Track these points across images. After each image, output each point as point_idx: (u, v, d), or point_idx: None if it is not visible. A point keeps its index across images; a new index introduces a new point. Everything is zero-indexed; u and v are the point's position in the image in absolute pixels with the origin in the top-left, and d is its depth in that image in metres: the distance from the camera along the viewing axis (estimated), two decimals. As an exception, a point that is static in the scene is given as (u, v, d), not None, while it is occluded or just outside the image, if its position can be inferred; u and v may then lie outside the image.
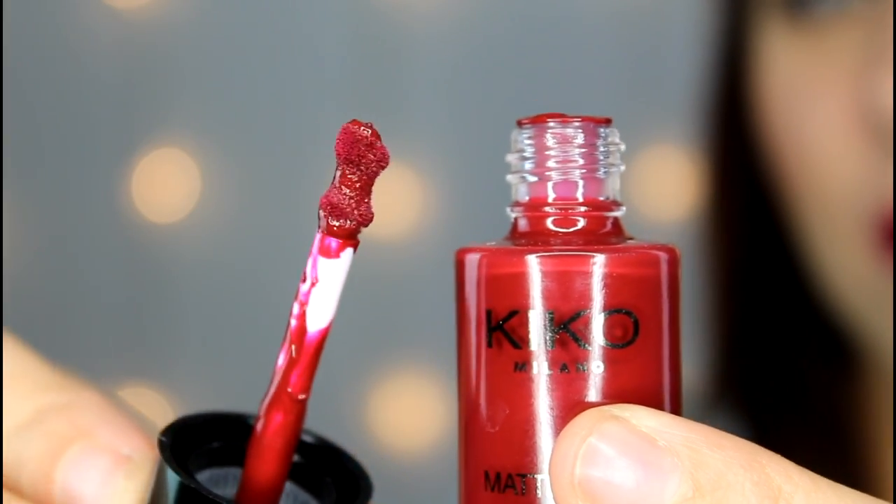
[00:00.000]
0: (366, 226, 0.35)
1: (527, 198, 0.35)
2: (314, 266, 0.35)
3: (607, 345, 0.33)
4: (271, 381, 0.36)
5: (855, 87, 0.66)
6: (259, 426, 0.36)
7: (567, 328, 0.33)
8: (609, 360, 0.33)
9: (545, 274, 0.33)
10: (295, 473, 0.38)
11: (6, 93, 1.21)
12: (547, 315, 0.33)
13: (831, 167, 0.67)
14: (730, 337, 0.78)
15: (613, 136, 0.34)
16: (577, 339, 0.33)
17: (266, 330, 1.23)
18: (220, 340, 1.24)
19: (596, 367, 0.33)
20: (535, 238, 0.34)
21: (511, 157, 0.35)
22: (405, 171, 1.21)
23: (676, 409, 0.34)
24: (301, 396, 0.36)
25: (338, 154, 0.34)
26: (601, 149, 0.34)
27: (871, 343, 0.70)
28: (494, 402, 0.33)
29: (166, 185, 1.23)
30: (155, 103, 1.23)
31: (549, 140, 0.34)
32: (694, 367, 0.78)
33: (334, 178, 0.35)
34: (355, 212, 0.35)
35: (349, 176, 0.34)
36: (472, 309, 0.34)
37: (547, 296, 0.33)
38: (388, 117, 1.21)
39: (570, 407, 0.33)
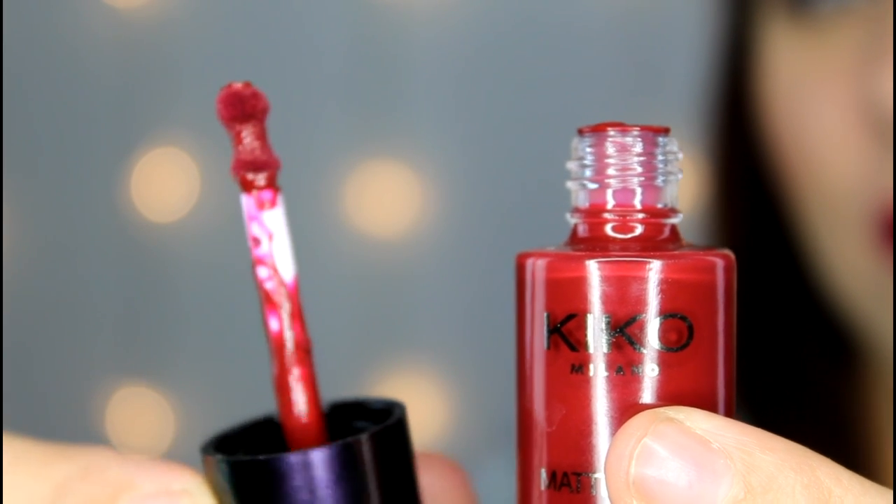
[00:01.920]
0: (279, 169, 0.37)
1: (586, 204, 0.36)
2: (261, 224, 0.37)
3: (662, 348, 0.34)
4: (276, 347, 0.37)
5: (856, 85, 0.67)
6: (287, 388, 0.38)
7: (623, 332, 0.34)
8: (663, 363, 0.34)
9: (602, 279, 0.34)
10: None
11: (6, 92, 1.21)
12: (604, 319, 0.34)
13: (833, 164, 0.68)
14: None
15: (671, 144, 0.35)
16: (632, 343, 0.34)
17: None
18: (219, 340, 1.24)
19: (651, 370, 0.34)
20: (594, 244, 0.35)
21: (571, 165, 0.36)
22: (405, 170, 1.22)
23: (730, 413, 0.35)
24: (310, 345, 0.38)
25: (231, 116, 0.36)
26: (659, 157, 0.35)
27: (873, 339, 0.71)
28: (551, 403, 0.34)
29: (165, 184, 1.23)
30: (154, 103, 1.23)
31: (609, 148, 0.35)
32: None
33: (236, 142, 0.37)
34: (270, 159, 0.37)
35: (250, 130, 0.36)
36: (530, 312, 0.35)
37: (604, 300, 0.34)
38: (387, 117, 1.22)
39: (625, 408, 0.34)
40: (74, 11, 1.23)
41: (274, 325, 0.37)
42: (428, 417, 1.22)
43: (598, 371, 0.34)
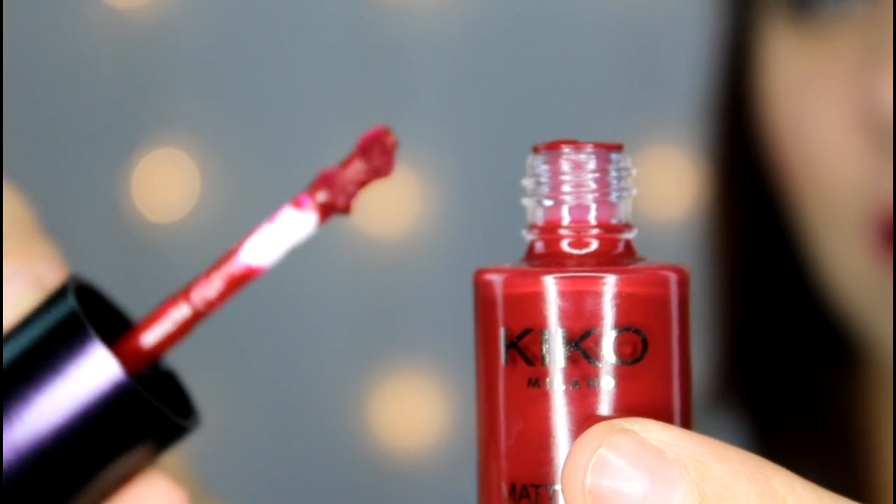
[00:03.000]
0: (340, 211, 0.37)
1: (542, 221, 0.36)
2: (279, 213, 0.38)
3: (617, 362, 0.34)
4: (191, 283, 0.39)
5: (856, 90, 0.67)
6: (161, 312, 0.39)
7: (578, 346, 0.34)
8: (619, 376, 0.34)
9: (557, 294, 0.34)
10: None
11: (6, 92, 1.21)
12: (559, 333, 0.34)
13: (833, 167, 0.68)
14: (732, 335, 0.78)
15: (625, 161, 0.36)
16: (587, 356, 0.34)
17: (265, 329, 1.24)
18: (219, 340, 1.25)
19: (606, 383, 0.34)
20: (550, 259, 0.36)
21: (527, 182, 0.36)
22: (405, 171, 1.22)
23: (686, 424, 0.36)
24: (198, 305, 0.38)
25: (358, 144, 0.37)
26: (613, 174, 0.35)
27: (873, 341, 0.71)
28: (510, 417, 0.35)
29: (166, 185, 1.24)
30: (155, 103, 1.23)
31: (564, 166, 0.35)
32: (697, 365, 0.78)
33: (343, 162, 0.37)
34: (340, 194, 0.37)
35: (355, 165, 0.37)
36: (488, 327, 0.35)
37: (559, 315, 0.34)
38: (388, 117, 1.22)
39: (581, 421, 0.34)
40: (75, 11, 1.24)
41: (204, 271, 0.38)
42: (427, 417, 1.22)
43: (555, 385, 0.34)
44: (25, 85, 1.23)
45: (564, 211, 0.36)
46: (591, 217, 0.35)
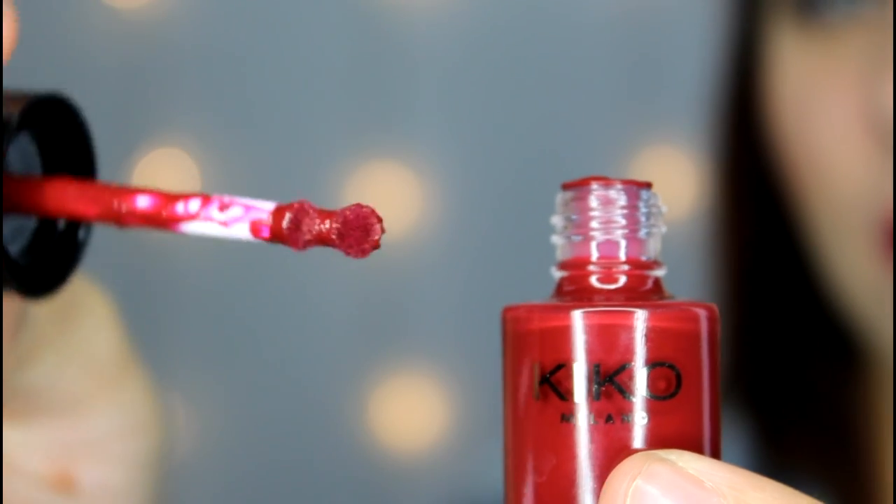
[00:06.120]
0: (293, 247, 0.36)
1: (571, 257, 0.36)
2: (238, 219, 0.36)
3: (651, 396, 0.34)
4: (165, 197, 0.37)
5: (863, 90, 0.67)
6: (87, 190, 0.38)
7: (612, 380, 0.34)
8: (652, 411, 0.34)
9: (591, 328, 0.34)
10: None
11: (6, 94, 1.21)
12: (592, 368, 0.34)
13: (839, 170, 0.69)
14: (736, 336, 0.79)
15: (655, 198, 0.36)
16: (621, 391, 0.34)
17: (266, 328, 1.24)
18: (220, 340, 1.25)
19: (640, 418, 0.34)
20: (579, 295, 0.36)
21: (556, 219, 0.36)
22: (405, 171, 1.22)
23: (717, 456, 0.35)
24: (125, 206, 0.37)
25: (346, 212, 0.35)
26: (643, 210, 0.35)
27: (877, 343, 0.71)
28: (541, 453, 0.35)
29: (166, 185, 1.23)
30: (155, 103, 1.23)
31: (593, 202, 0.35)
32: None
33: (327, 210, 0.35)
34: (300, 239, 0.36)
35: (330, 227, 0.35)
36: (519, 363, 0.35)
37: (593, 349, 0.34)
38: (388, 118, 1.22)
39: (615, 456, 0.34)
40: (74, 12, 1.23)
41: (152, 197, 0.37)
42: (428, 417, 1.23)
43: (589, 420, 0.34)
44: (25, 85, 1.23)
45: (593, 247, 0.36)
46: (621, 254, 0.36)
